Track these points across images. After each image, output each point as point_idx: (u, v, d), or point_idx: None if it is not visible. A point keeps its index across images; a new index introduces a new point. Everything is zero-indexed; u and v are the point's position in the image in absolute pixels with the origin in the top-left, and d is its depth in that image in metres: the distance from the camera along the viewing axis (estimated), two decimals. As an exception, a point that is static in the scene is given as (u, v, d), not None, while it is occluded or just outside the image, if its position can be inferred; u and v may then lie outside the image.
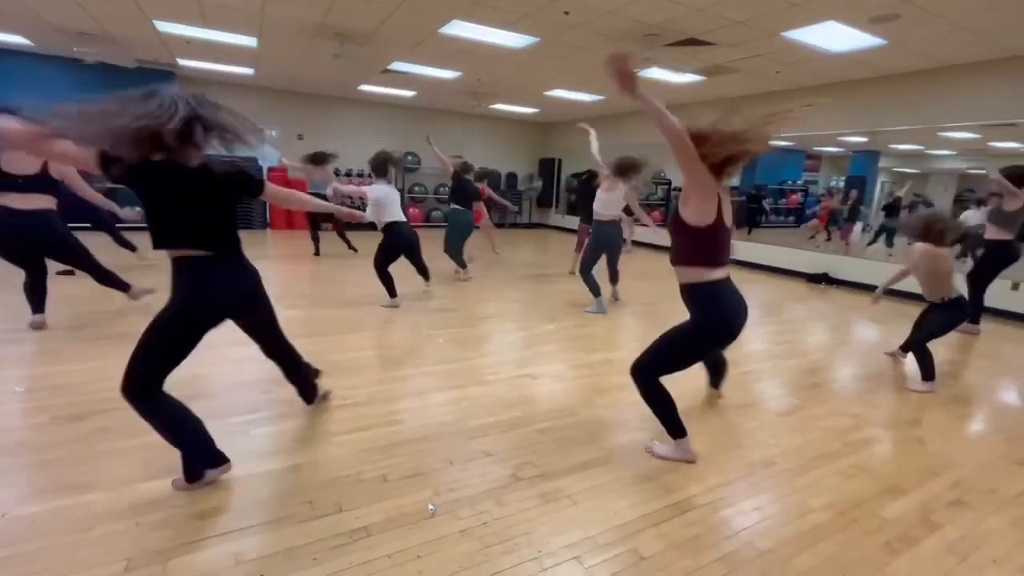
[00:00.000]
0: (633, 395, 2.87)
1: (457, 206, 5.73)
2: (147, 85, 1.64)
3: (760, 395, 3.00)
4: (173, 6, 5.04)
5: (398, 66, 7.06)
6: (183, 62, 7.51)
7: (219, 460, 1.87)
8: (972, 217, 7.20)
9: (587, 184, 5.92)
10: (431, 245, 6.17)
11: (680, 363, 2.12)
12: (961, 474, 2.23)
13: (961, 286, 3.62)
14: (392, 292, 4.48)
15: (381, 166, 4.56)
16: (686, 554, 1.63)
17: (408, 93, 9.18)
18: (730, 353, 3.72)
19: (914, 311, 3.70)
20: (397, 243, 4.47)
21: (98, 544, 1.54)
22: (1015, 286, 5.17)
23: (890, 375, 3.47)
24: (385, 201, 4.42)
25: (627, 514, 1.81)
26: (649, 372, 2.14)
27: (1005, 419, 2.87)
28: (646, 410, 2.68)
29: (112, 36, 6.18)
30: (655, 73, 6.39)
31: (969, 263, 5.13)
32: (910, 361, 3.61)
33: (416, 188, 10.87)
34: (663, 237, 7.88)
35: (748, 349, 3.83)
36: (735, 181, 12.87)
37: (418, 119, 10.79)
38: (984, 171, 9.91)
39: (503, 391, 2.83)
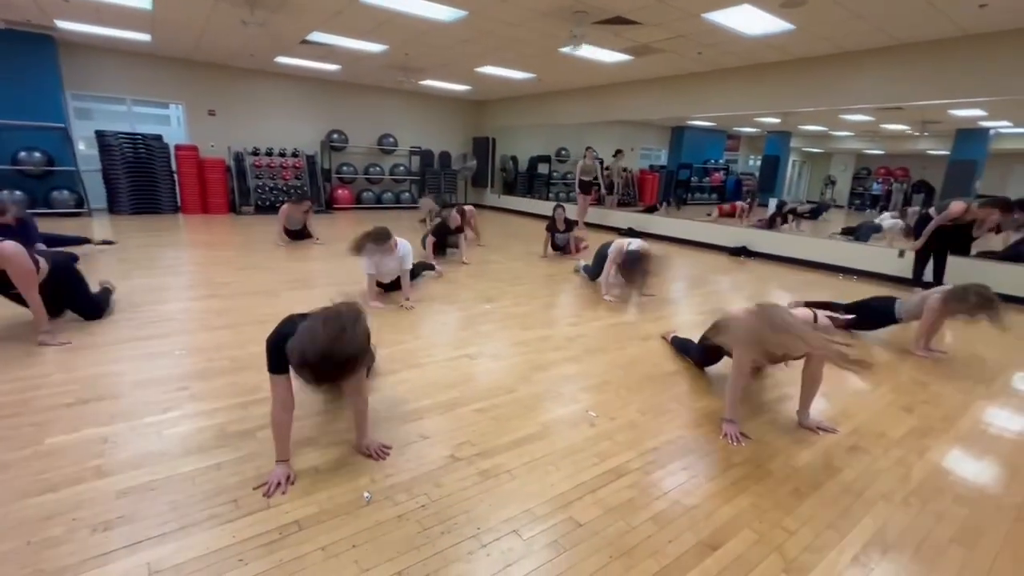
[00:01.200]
0: (569, 368, 2.95)
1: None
2: (18, 49, 1.41)
3: (686, 362, 3.16)
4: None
5: (318, 36, 6.61)
6: (62, 24, 6.60)
7: None
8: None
9: None
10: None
11: None
12: (857, 422, 2.48)
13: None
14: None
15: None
16: (620, 517, 1.70)
17: (331, 67, 8.65)
18: (660, 323, 3.91)
19: (825, 280, 4.01)
20: None
21: (-21, 570, 1.36)
22: (901, 253, 5.79)
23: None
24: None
25: (563, 484, 1.86)
26: None
27: (895, 371, 3.22)
28: (581, 383, 2.76)
29: (-31, -10, 5.31)
30: (584, 51, 6.43)
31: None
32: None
33: (344, 168, 10.37)
34: (602, 217, 7.88)
35: (675, 320, 4.03)
36: (663, 159, 13.40)
37: (344, 95, 10.24)
38: (881, 151, 10.91)
39: (440, 373, 2.80)
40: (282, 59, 8.21)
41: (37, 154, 7.33)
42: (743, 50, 6.16)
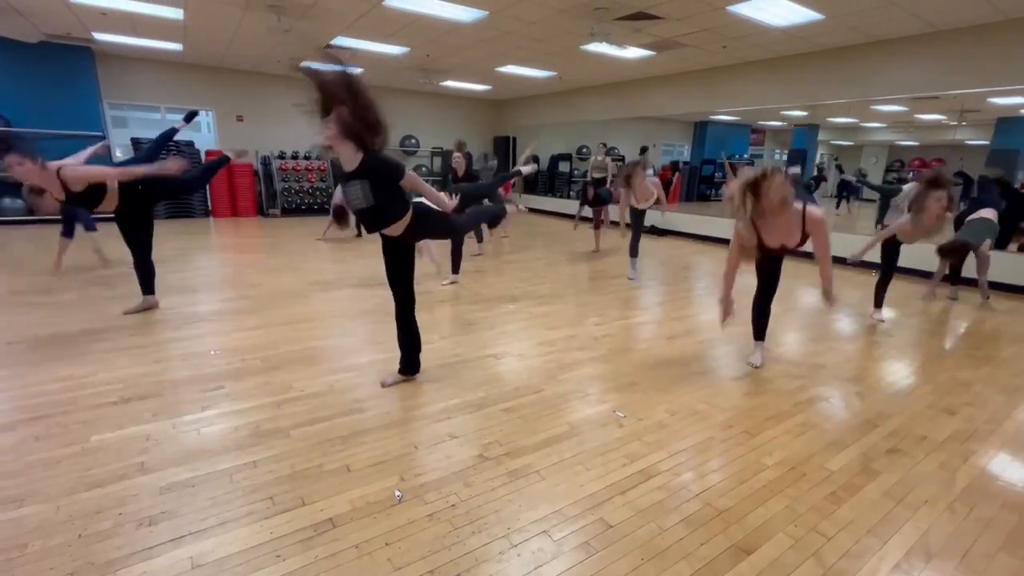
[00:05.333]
0: (595, 368, 2.94)
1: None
2: (59, 61, 1.48)
3: (715, 362, 3.11)
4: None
5: (342, 41, 6.72)
6: (100, 36, 6.86)
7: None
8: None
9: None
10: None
11: None
12: (896, 424, 2.40)
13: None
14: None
15: None
16: (651, 519, 1.69)
17: (355, 70, 8.76)
18: (684, 322, 3.86)
19: (856, 278, 3.90)
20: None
21: (35, 561, 1.43)
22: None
23: (831, 338, 3.68)
24: None
25: (593, 485, 1.85)
26: None
27: (933, 371, 3.11)
28: (608, 383, 2.75)
29: (13, 6, 5.56)
30: (605, 48, 6.37)
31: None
32: (843, 323, 3.86)
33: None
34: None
35: (702, 319, 3.97)
36: (685, 154, 13.20)
37: (366, 98, 10.37)
38: (915, 143, 10.54)
39: (466, 373, 2.81)
40: (307, 64, 8.34)
41: (77, 162, 7.64)
42: (769, 42, 6.01)
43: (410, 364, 2.67)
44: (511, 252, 6.62)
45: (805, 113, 10.52)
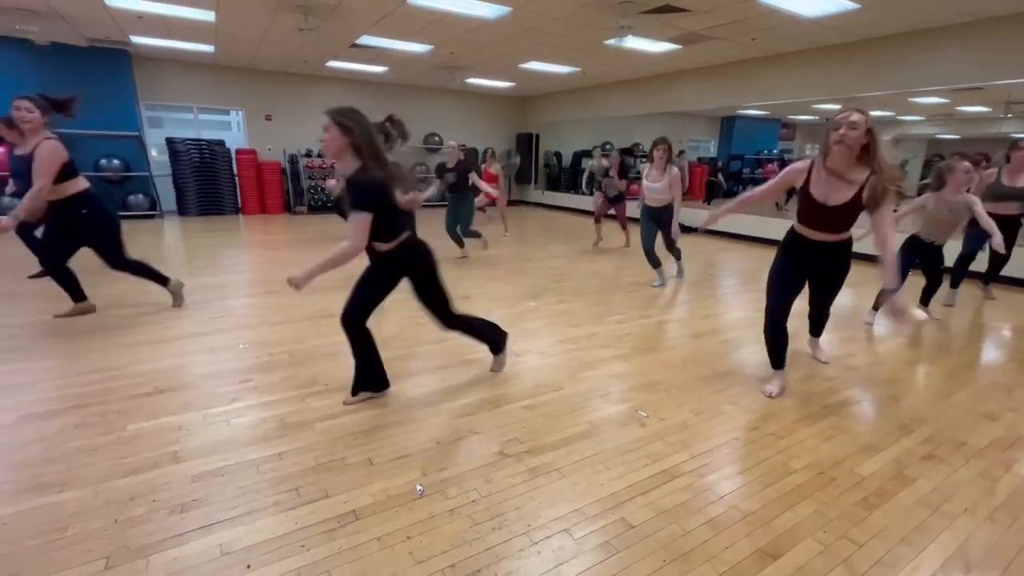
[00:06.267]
0: (618, 367, 2.91)
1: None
2: (98, 65, 1.53)
3: (741, 362, 3.05)
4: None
5: (367, 40, 6.79)
6: (136, 39, 7.10)
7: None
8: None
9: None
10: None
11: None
12: (933, 429, 2.31)
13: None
14: None
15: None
16: (673, 520, 1.66)
17: (379, 69, 8.88)
18: (710, 321, 3.78)
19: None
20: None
21: (75, 543, 1.49)
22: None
23: (863, 339, 3.56)
24: None
25: (614, 485, 1.83)
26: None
27: (973, 374, 2.97)
28: (630, 382, 2.72)
29: (57, 12, 5.80)
30: (630, 42, 6.28)
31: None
32: (878, 325, 3.73)
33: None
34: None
35: (728, 317, 3.89)
36: (712, 150, 12.93)
37: (391, 95, 10.48)
38: (956, 136, 10.10)
39: (486, 369, 2.82)
40: (333, 63, 8.49)
41: (115, 161, 7.94)
42: (801, 33, 5.83)
43: (493, 343, 2.72)
44: (532, 249, 6.61)
45: (839, 107, 10.19)
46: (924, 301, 3.96)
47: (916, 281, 4.05)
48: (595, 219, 6.85)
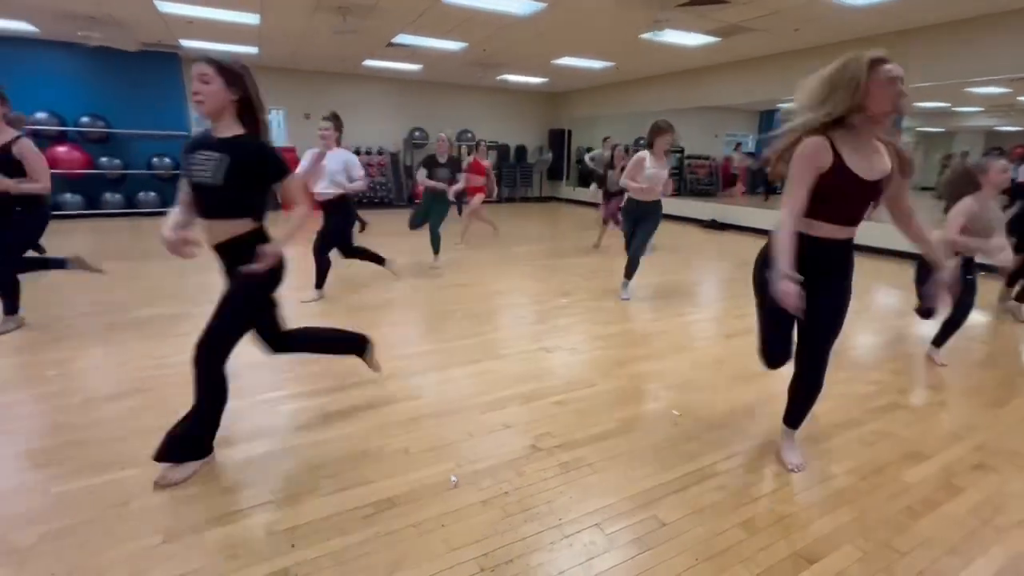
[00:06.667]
0: (651, 365, 2.89)
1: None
2: (151, 68, 1.61)
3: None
4: (173, -15, 4.97)
5: (402, 39, 6.90)
6: (186, 43, 7.43)
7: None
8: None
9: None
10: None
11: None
12: (984, 438, 2.21)
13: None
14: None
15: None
16: (707, 519, 1.65)
17: (414, 67, 9.00)
18: (747, 321, 3.70)
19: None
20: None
21: (135, 517, 1.61)
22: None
23: (910, 342, 3.41)
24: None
25: (647, 482, 1.84)
26: None
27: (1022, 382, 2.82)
28: (663, 380, 2.70)
29: (114, 18, 6.13)
30: (667, 36, 6.16)
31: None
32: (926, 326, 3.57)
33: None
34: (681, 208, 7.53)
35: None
36: (750, 144, 12.56)
37: (425, 93, 10.61)
38: (1018, 128, 9.50)
39: (519, 365, 2.85)
40: (369, 62, 8.66)
41: (167, 159, 8.35)
42: (848, 23, 5.59)
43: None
44: (563, 244, 6.59)
45: (887, 98, 9.71)
46: (939, 341, 3.06)
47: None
48: (603, 220, 6.50)
